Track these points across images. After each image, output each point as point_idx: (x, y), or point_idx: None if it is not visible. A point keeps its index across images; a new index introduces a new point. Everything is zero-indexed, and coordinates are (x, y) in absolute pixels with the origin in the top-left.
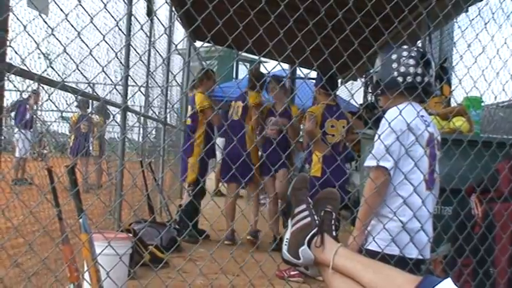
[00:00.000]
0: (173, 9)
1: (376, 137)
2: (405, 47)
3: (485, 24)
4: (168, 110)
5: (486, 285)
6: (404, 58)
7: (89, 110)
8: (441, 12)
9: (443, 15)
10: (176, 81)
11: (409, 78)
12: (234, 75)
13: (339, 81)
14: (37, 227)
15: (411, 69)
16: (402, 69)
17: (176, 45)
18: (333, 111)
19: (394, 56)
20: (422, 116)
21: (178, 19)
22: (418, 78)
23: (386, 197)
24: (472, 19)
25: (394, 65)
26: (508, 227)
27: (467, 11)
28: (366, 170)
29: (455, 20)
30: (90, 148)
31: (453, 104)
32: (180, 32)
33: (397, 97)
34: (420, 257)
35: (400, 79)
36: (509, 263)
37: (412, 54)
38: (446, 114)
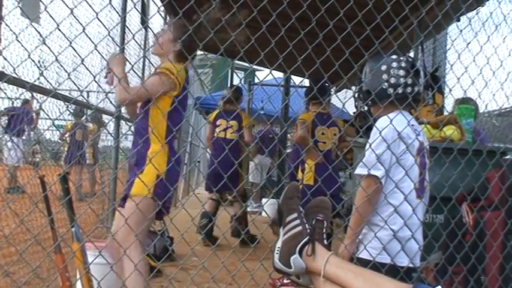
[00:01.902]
0: (167, 17)
1: (367, 145)
2: (394, 56)
3: (476, 34)
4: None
5: None
6: (394, 69)
7: (83, 118)
8: (432, 22)
9: (434, 25)
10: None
11: (399, 89)
12: (229, 84)
13: (333, 89)
14: (30, 236)
15: (401, 80)
16: (393, 80)
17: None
18: (323, 119)
19: (383, 67)
20: (412, 125)
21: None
22: (409, 89)
23: (377, 206)
24: (462, 29)
25: (385, 76)
26: (498, 235)
27: (458, 20)
28: (358, 178)
29: (446, 31)
30: (87, 156)
31: (445, 113)
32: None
33: (388, 107)
34: (411, 265)
35: (391, 90)
36: (500, 271)
37: (402, 65)
38: (437, 123)
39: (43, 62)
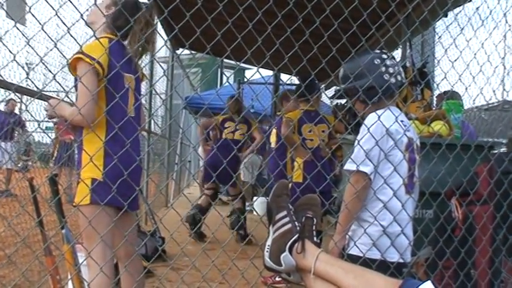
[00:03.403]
0: (154, 17)
1: (356, 142)
2: (377, 51)
3: (462, 29)
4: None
5: (467, 287)
6: (387, 59)
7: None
8: (418, 19)
9: (421, 21)
10: (155, 90)
11: (398, 77)
12: (219, 83)
13: (322, 86)
14: (20, 239)
15: (396, 68)
16: (391, 70)
17: (155, 53)
18: (310, 117)
19: (376, 61)
20: (402, 121)
21: (160, 26)
22: (404, 77)
23: (366, 202)
24: (448, 25)
25: (383, 69)
26: (487, 229)
27: (446, 16)
28: (347, 174)
29: (433, 27)
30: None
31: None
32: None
33: (381, 102)
34: (401, 261)
35: (393, 80)
36: (490, 264)
37: (388, 55)
38: (426, 119)
39: (30, 64)
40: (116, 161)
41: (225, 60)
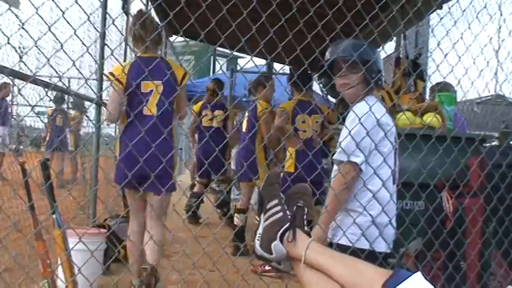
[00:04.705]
0: (148, 3)
1: (346, 131)
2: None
3: (455, 22)
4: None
5: (456, 279)
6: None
7: (65, 105)
8: (412, 11)
9: (415, 13)
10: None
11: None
12: (211, 71)
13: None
14: (10, 223)
15: None
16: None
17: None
18: (304, 107)
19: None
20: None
21: (154, 13)
22: None
23: (355, 192)
24: (442, 17)
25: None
26: (477, 222)
27: (440, 8)
28: (336, 164)
29: (427, 18)
30: (69, 142)
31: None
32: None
33: (371, 89)
34: (388, 251)
35: (383, 73)
36: (479, 256)
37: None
38: (417, 110)
39: (23, 48)
40: (127, 145)
41: (218, 48)
